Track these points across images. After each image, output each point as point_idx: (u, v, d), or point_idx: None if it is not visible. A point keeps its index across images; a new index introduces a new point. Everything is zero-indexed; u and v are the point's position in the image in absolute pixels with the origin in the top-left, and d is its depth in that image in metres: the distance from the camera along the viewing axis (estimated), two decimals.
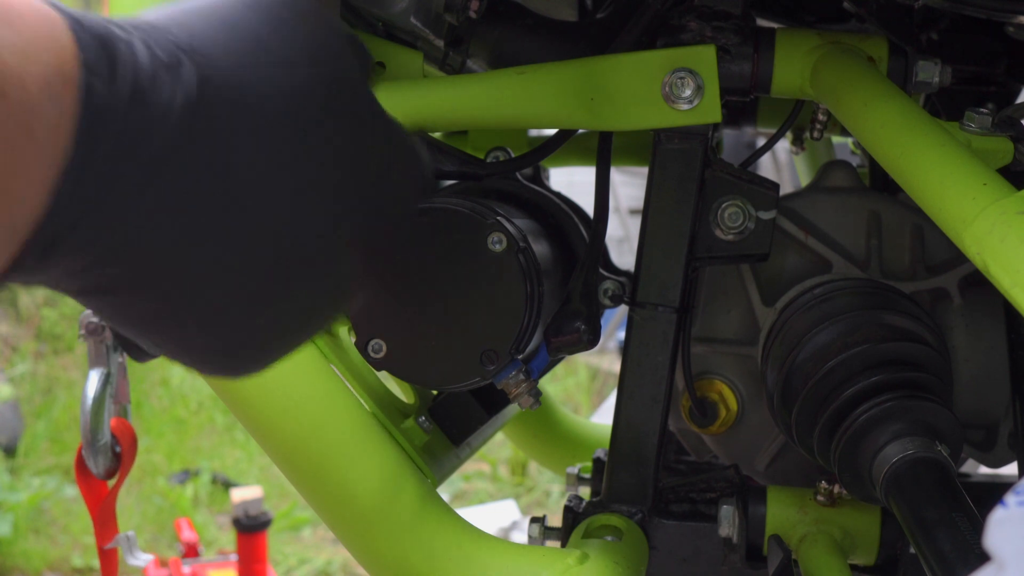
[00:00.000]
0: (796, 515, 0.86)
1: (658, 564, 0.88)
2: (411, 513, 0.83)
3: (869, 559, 0.87)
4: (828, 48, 0.82)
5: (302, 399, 0.83)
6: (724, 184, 0.84)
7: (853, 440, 0.76)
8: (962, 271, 0.92)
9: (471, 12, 0.82)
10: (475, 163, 0.84)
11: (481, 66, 0.91)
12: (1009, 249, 0.59)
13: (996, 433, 0.94)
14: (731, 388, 0.96)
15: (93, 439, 0.96)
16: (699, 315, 0.96)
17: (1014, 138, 0.79)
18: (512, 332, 0.78)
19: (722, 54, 0.82)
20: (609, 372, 4.94)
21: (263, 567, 2.41)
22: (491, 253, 0.78)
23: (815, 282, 0.91)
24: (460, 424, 0.99)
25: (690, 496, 0.89)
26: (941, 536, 0.65)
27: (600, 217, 0.89)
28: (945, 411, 0.75)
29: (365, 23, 0.89)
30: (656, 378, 0.86)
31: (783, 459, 0.97)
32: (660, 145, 0.84)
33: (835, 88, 0.80)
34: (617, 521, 0.86)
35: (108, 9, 0.86)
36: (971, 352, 0.94)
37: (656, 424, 0.86)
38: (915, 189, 0.69)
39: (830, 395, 0.79)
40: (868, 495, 0.76)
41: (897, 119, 0.73)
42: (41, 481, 3.73)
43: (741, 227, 0.84)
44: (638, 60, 0.82)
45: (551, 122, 0.84)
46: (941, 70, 0.84)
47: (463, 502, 3.88)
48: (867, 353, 0.79)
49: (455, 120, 0.84)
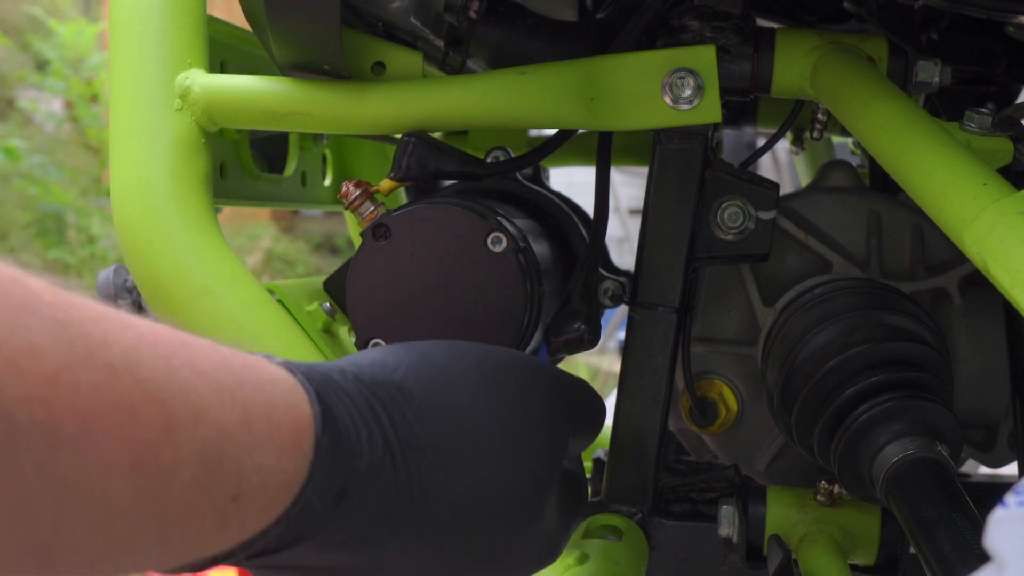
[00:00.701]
0: (796, 515, 0.86)
1: (658, 564, 0.88)
2: None
3: (869, 559, 0.87)
4: (828, 48, 0.82)
5: None
6: (724, 184, 0.84)
7: (853, 440, 0.76)
8: (962, 271, 0.92)
9: (471, 12, 0.82)
10: (475, 163, 0.84)
11: (481, 66, 0.91)
12: (1009, 249, 0.59)
13: (996, 433, 0.94)
14: (731, 388, 0.96)
15: None
16: (699, 315, 0.96)
17: (1014, 138, 0.79)
18: (512, 332, 0.78)
19: (722, 54, 0.82)
20: (609, 372, 4.94)
21: None
22: (491, 253, 0.78)
23: (815, 282, 0.91)
24: None
25: (690, 496, 0.89)
26: (941, 536, 0.65)
27: (600, 217, 0.89)
28: (945, 411, 0.75)
29: (365, 23, 0.89)
30: (656, 378, 0.86)
31: (783, 459, 0.97)
32: (660, 145, 0.84)
33: (835, 88, 0.80)
34: (617, 521, 0.86)
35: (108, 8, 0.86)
36: (971, 352, 0.94)
37: (656, 424, 0.86)
38: (915, 189, 0.69)
39: (830, 395, 0.79)
40: (868, 495, 0.76)
41: (897, 119, 0.73)
42: None
43: (741, 227, 0.84)
44: (638, 60, 0.82)
45: (551, 122, 0.84)
46: (941, 70, 0.84)
47: None
48: (867, 353, 0.79)
49: (455, 120, 0.84)
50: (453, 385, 0.59)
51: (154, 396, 0.41)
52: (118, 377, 0.39)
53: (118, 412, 0.39)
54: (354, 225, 1.14)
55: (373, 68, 0.86)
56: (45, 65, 6.63)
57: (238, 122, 0.85)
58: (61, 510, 0.38)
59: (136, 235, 0.82)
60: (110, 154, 0.84)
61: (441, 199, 0.81)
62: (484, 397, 0.60)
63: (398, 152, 0.81)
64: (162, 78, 0.83)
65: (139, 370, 0.41)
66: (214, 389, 0.44)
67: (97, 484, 0.38)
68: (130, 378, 0.40)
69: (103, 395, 0.39)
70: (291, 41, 0.78)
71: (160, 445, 0.41)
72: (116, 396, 0.39)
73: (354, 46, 0.85)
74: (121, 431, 0.39)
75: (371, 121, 0.83)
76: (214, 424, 0.43)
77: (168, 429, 0.41)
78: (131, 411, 0.40)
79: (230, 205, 0.96)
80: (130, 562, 0.42)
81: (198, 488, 0.42)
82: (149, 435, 0.40)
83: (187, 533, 0.43)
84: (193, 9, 0.85)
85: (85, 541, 0.39)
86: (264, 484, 0.46)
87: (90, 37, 6.53)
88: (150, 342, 0.42)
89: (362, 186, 0.80)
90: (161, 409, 0.41)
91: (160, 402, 0.41)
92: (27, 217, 5.78)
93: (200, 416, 0.43)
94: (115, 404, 0.39)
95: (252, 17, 0.82)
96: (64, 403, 0.37)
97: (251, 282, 0.82)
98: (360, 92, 0.82)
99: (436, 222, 0.78)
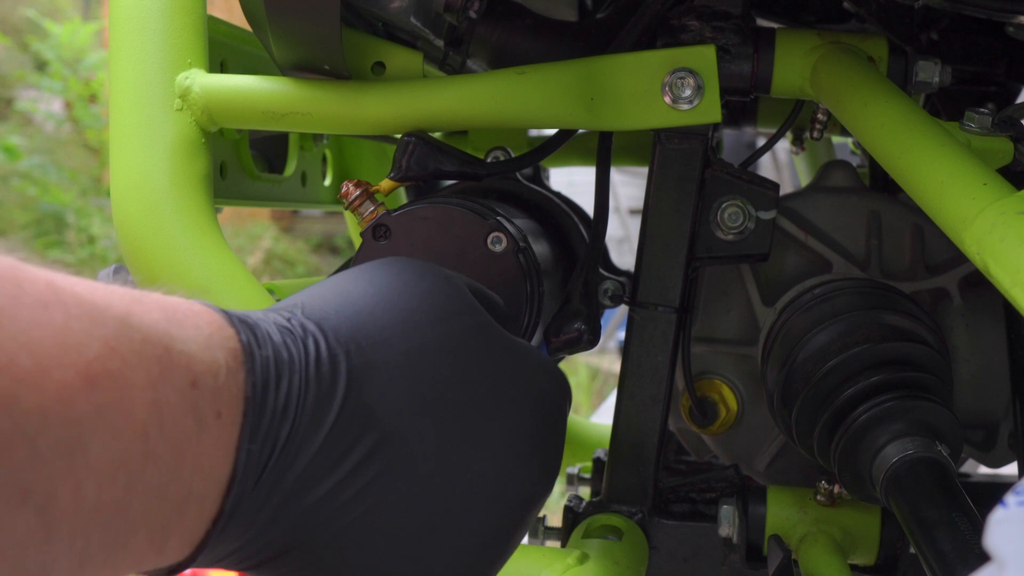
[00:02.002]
0: (796, 515, 0.86)
1: (658, 564, 0.88)
2: None
3: (869, 559, 0.87)
4: (828, 48, 0.82)
5: None
6: (724, 184, 0.84)
7: (853, 440, 0.76)
8: (962, 271, 0.92)
9: (471, 12, 0.82)
10: (475, 163, 0.84)
11: (481, 66, 0.91)
12: (1009, 249, 0.59)
13: (996, 433, 0.94)
14: (731, 388, 0.96)
15: None
16: (699, 315, 0.96)
17: (1014, 138, 0.79)
18: (512, 332, 0.78)
19: (722, 54, 0.82)
20: (609, 372, 4.94)
21: None
22: (491, 253, 0.78)
23: (815, 282, 0.91)
24: None
25: (690, 496, 0.89)
26: (941, 536, 0.65)
27: (600, 217, 0.89)
28: (945, 411, 0.75)
29: (365, 23, 0.89)
30: (656, 378, 0.86)
31: (783, 459, 0.97)
32: (660, 145, 0.84)
33: (835, 88, 0.80)
34: (617, 521, 0.86)
35: (108, 10, 0.86)
36: (971, 352, 0.94)
37: (656, 424, 0.86)
38: (915, 189, 0.69)
39: (830, 395, 0.79)
40: (868, 495, 0.76)
41: (897, 119, 0.73)
42: None
43: (741, 227, 0.84)
44: (638, 60, 0.82)
45: (551, 122, 0.84)
46: (941, 70, 0.84)
47: None
48: (867, 353, 0.79)
49: (455, 120, 0.84)
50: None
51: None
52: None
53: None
54: (354, 225, 1.14)
55: (373, 68, 0.86)
56: (44, 65, 6.63)
57: (238, 122, 0.85)
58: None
59: (136, 235, 0.82)
60: (110, 154, 0.84)
61: (441, 199, 0.81)
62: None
63: (398, 152, 0.81)
64: (162, 78, 0.83)
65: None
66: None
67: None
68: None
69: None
70: (291, 41, 0.78)
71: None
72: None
73: (354, 46, 0.85)
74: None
75: (371, 121, 0.83)
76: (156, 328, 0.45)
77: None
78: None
79: (230, 205, 0.96)
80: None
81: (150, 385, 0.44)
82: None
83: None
84: (193, 9, 0.85)
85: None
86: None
87: (87, 36, 6.53)
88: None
89: (362, 186, 0.80)
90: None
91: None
92: (27, 217, 5.78)
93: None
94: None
95: (252, 17, 0.82)
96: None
97: (251, 282, 0.82)
98: (360, 92, 0.82)
99: (436, 222, 0.78)
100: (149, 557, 0.46)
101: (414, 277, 0.60)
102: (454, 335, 0.59)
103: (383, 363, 0.55)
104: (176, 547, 0.47)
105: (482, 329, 0.61)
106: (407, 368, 0.55)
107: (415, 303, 0.58)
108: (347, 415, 0.53)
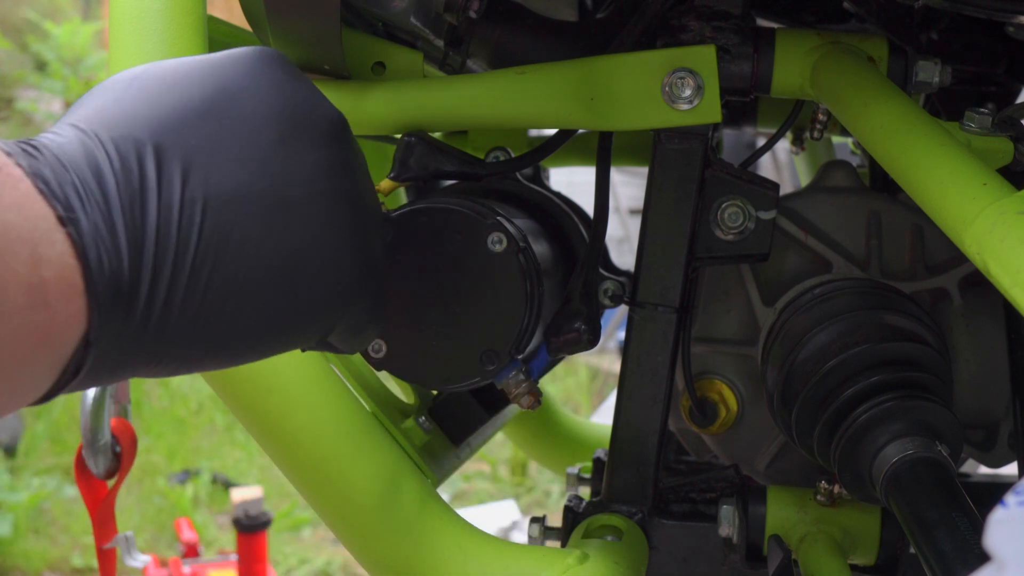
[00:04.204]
0: (796, 515, 0.86)
1: (658, 564, 0.88)
2: (411, 513, 0.83)
3: (869, 559, 0.87)
4: (828, 48, 0.82)
5: (302, 399, 0.83)
6: (724, 184, 0.84)
7: (853, 440, 0.76)
8: (962, 271, 0.92)
9: (471, 12, 0.82)
10: (475, 163, 0.84)
11: (481, 66, 0.91)
12: (1009, 249, 0.59)
13: (996, 433, 0.94)
14: (731, 388, 0.96)
15: (93, 439, 0.96)
16: (699, 315, 0.96)
17: (1014, 138, 0.79)
18: (512, 332, 0.78)
19: (722, 54, 0.82)
20: (609, 372, 4.94)
21: (263, 567, 2.40)
22: (491, 253, 0.78)
23: (815, 282, 0.91)
24: (460, 424, 0.99)
25: (690, 496, 0.89)
26: (941, 536, 0.65)
27: (600, 217, 0.89)
28: (945, 411, 0.75)
29: (365, 23, 0.89)
30: (656, 378, 0.86)
31: (783, 459, 0.97)
32: (660, 145, 0.84)
33: (835, 88, 0.80)
34: (617, 521, 0.86)
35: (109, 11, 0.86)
36: (971, 352, 0.94)
37: (656, 424, 0.86)
38: (915, 189, 0.69)
39: (830, 395, 0.79)
40: (868, 495, 0.76)
41: (897, 119, 0.73)
42: (41, 481, 3.72)
43: (741, 227, 0.84)
44: (638, 60, 0.82)
45: (551, 122, 0.84)
46: (941, 70, 0.84)
47: (463, 502, 3.89)
48: (867, 353, 0.79)
49: (455, 120, 0.84)
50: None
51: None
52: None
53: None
54: None
55: (373, 68, 0.86)
56: (44, 66, 6.63)
57: None
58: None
59: None
60: None
61: (441, 199, 0.81)
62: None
63: (398, 152, 0.81)
64: None
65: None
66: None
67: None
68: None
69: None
70: (291, 41, 0.78)
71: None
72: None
73: (354, 46, 0.85)
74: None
75: (371, 121, 0.83)
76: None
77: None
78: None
79: None
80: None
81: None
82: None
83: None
84: (193, 9, 0.85)
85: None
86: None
87: (87, 37, 6.53)
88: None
89: None
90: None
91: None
92: None
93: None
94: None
95: (252, 17, 0.82)
96: None
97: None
98: (360, 92, 0.82)
99: (436, 222, 0.78)
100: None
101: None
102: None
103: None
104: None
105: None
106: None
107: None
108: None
